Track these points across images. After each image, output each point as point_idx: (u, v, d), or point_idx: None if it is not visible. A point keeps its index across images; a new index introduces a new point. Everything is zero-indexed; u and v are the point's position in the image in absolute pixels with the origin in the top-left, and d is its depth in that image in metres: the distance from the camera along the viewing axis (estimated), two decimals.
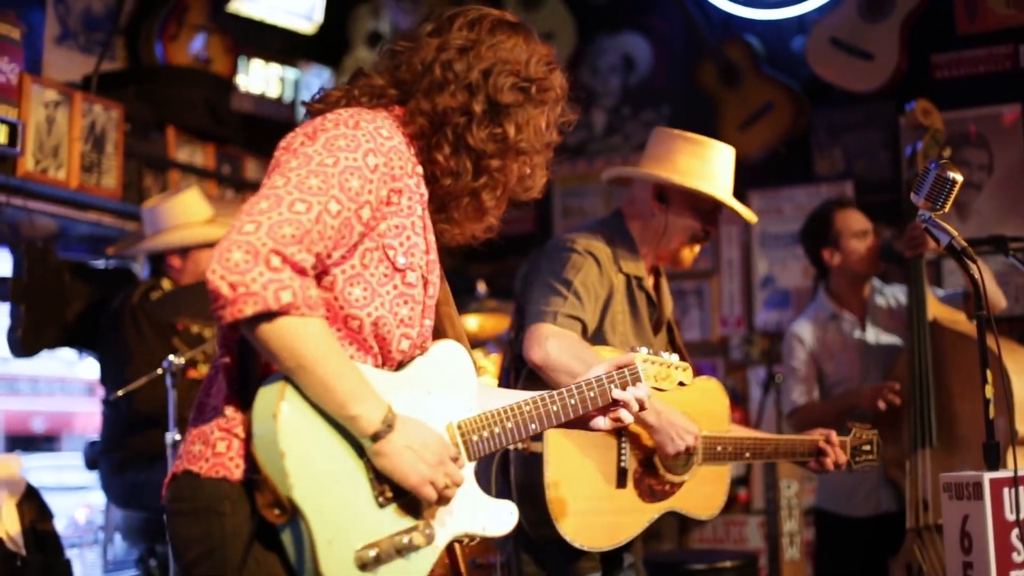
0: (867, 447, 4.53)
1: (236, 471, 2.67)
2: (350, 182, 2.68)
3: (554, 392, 3.13)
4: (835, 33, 7.44)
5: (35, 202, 6.08)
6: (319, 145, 2.72)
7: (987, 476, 3.45)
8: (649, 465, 4.19)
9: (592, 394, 3.18)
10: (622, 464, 4.15)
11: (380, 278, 2.81)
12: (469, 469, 2.95)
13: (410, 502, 2.75)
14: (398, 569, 2.70)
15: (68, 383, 9.09)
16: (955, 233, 3.66)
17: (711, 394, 4.46)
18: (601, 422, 3.23)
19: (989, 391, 3.56)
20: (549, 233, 8.15)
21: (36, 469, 7.13)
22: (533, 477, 4.04)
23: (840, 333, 5.94)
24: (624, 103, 8.42)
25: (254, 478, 2.63)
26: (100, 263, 6.70)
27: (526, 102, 3.02)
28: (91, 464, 6.06)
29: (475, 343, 6.84)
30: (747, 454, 4.36)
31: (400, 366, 2.91)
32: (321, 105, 2.96)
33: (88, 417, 8.72)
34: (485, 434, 2.97)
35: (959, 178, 3.64)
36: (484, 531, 2.97)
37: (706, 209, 4.45)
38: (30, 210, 6.03)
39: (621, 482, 4.15)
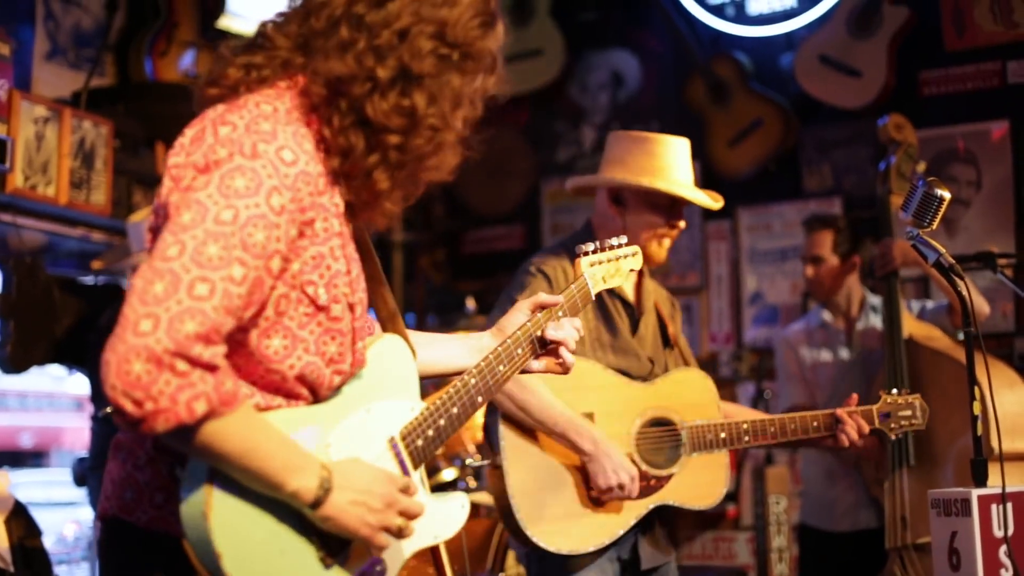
0: (905, 412, 4.30)
1: (177, 525, 2.40)
2: (254, 236, 2.32)
3: (498, 350, 2.99)
4: (823, 50, 7.47)
5: (24, 218, 6.07)
6: (213, 188, 2.33)
7: (975, 492, 3.45)
8: None
9: (537, 333, 3.06)
10: None
11: (301, 320, 2.50)
12: (416, 476, 2.79)
13: (357, 548, 2.58)
14: None
15: (57, 399, 9.09)
16: (943, 250, 3.66)
17: (693, 384, 4.42)
18: (536, 365, 3.09)
19: (977, 408, 3.56)
20: (538, 249, 8.16)
21: (24, 485, 7.12)
22: (500, 489, 4.05)
23: (826, 344, 5.98)
24: (613, 119, 8.43)
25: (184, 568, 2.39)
26: (89, 279, 6.70)
27: (445, 71, 2.59)
28: (80, 480, 6.05)
29: None
30: (746, 438, 4.25)
31: (336, 388, 2.65)
32: (216, 90, 2.63)
33: (77, 433, 8.71)
34: (431, 433, 2.79)
35: (947, 195, 3.64)
36: (436, 539, 2.84)
37: (664, 204, 4.40)
38: (19, 226, 6.03)
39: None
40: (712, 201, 4.49)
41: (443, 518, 2.86)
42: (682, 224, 4.47)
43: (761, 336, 7.79)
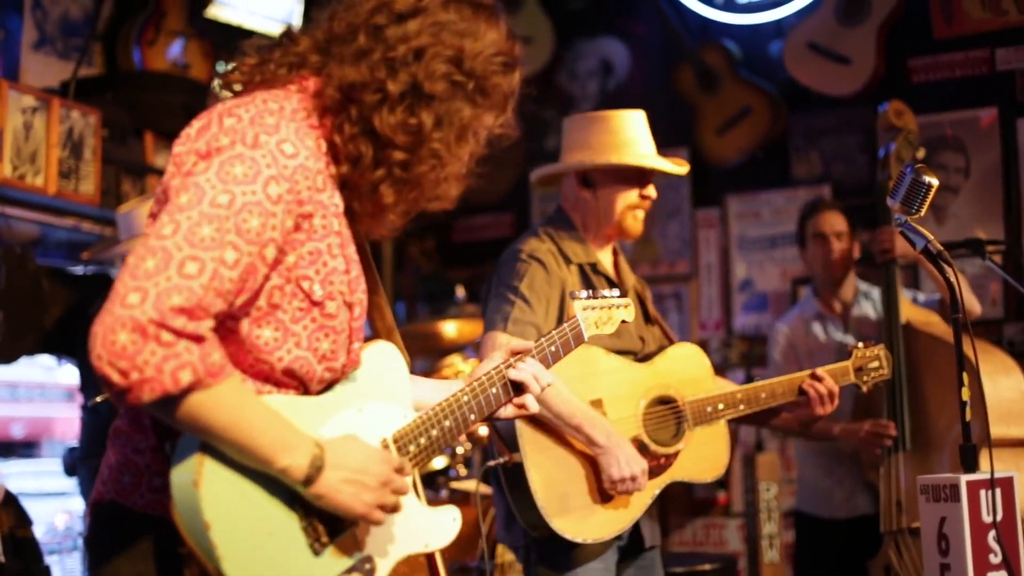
0: (874, 364, 4.54)
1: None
2: (249, 222, 2.34)
3: (481, 378, 2.99)
4: (812, 38, 7.47)
5: (13, 208, 6.07)
6: (212, 173, 2.36)
7: (964, 478, 3.45)
8: (639, 445, 4.21)
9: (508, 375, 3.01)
10: None
11: (294, 314, 2.50)
12: (409, 480, 2.75)
13: (347, 540, 2.58)
14: None
15: (47, 389, 9.07)
16: (931, 236, 3.66)
17: (689, 360, 4.48)
18: (506, 411, 3.05)
19: (966, 394, 3.57)
20: None
21: (15, 475, 7.13)
22: (521, 485, 4.06)
23: (822, 333, 5.96)
24: (602, 107, 8.33)
25: (180, 552, 2.41)
26: (79, 269, 6.69)
27: (456, 97, 2.61)
28: (70, 470, 6.05)
29: (454, 348, 6.86)
30: (741, 406, 4.37)
31: (328, 386, 2.65)
32: (237, 76, 2.66)
33: (67, 423, 8.70)
34: (423, 441, 2.79)
35: (935, 182, 3.64)
36: (427, 547, 2.84)
37: (633, 177, 4.44)
38: (8, 216, 6.02)
39: None
40: (678, 167, 4.52)
41: (435, 528, 2.88)
42: (653, 193, 4.51)
43: (751, 323, 7.80)
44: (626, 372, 4.30)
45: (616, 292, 3.50)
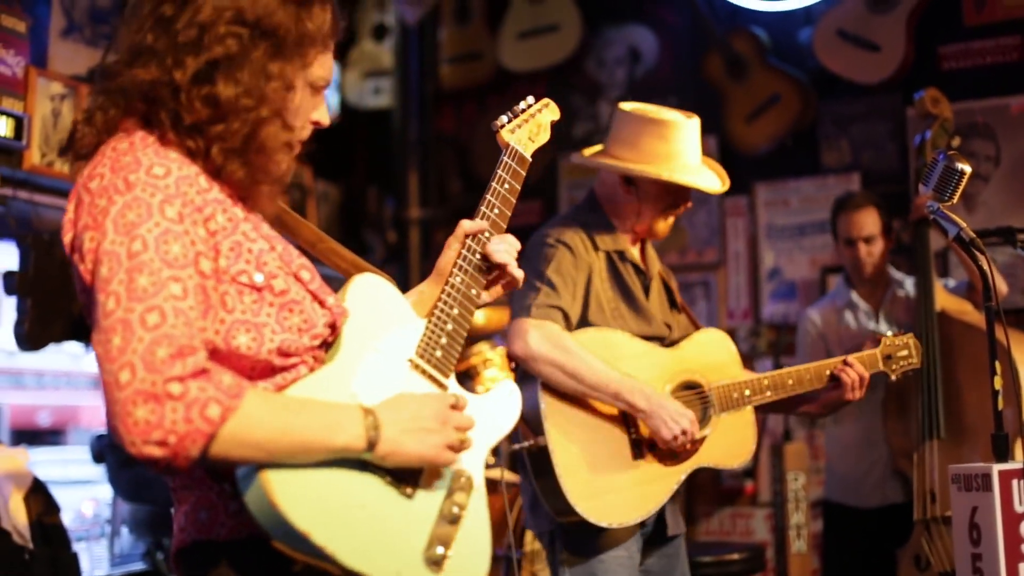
0: (903, 352, 4.52)
1: (257, 525, 2.40)
2: (171, 251, 2.33)
3: (453, 265, 2.97)
4: (842, 25, 7.43)
5: (41, 195, 6.08)
6: (113, 234, 2.33)
7: (996, 468, 3.44)
8: None
9: (476, 258, 3.01)
10: (633, 436, 4.19)
11: (252, 308, 2.47)
12: (452, 383, 2.83)
13: (430, 472, 2.63)
14: (466, 536, 2.67)
15: (74, 377, 9.08)
16: (963, 224, 3.64)
17: (714, 345, 4.50)
18: (485, 296, 3.03)
19: (998, 382, 3.55)
20: None
21: (43, 463, 7.13)
22: (546, 469, 4.06)
23: (853, 322, 5.95)
24: (630, 95, 8.36)
25: (295, 571, 2.42)
26: None
27: (244, 52, 2.51)
28: (98, 458, 6.07)
29: (481, 336, 6.84)
30: (768, 392, 4.37)
31: (331, 345, 2.63)
32: (81, 142, 2.58)
33: (94, 411, 8.71)
34: (444, 340, 2.82)
35: (968, 169, 3.63)
36: (501, 432, 2.92)
37: (675, 189, 4.44)
38: (36, 203, 6.03)
39: (638, 453, 4.19)
40: (720, 184, 4.56)
41: (500, 410, 2.94)
42: (689, 204, 4.57)
43: (779, 312, 7.76)
44: (652, 356, 4.31)
45: (531, 99, 3.44)
